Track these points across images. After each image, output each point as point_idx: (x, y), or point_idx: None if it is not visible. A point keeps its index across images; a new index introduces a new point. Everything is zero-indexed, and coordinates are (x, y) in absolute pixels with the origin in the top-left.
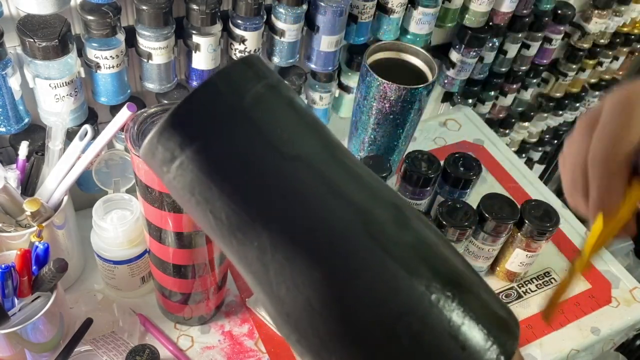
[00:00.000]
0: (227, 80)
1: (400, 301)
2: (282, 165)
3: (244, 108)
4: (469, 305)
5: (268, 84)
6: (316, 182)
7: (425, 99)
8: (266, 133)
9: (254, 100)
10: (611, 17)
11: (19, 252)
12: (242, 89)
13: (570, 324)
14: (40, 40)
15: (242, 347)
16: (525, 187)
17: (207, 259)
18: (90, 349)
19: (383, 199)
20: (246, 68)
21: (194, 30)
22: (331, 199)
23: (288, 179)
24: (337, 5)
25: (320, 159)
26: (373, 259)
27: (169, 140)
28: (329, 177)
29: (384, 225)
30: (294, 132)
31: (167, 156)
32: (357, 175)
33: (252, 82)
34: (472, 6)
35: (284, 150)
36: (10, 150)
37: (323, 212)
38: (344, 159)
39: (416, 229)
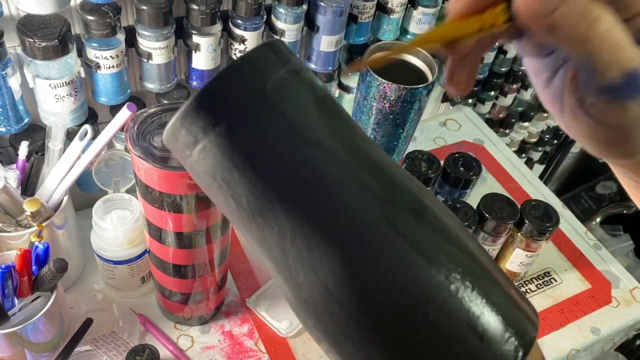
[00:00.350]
0: (250, 65)
1: (418, 290)
2: (304, 151)
3: (267, 93)
4: (489, 295)
5: (291, 69)
6: (338, 168)
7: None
8: (289, 118)
9: (277, 85)
10: None
11: (19, 252)
12: (266, 73)
13: (570, 324)
14: (40, 40)
15: (242, 347)
16: (525, 187)
17: (207, 259)
18: (90, 349)
19: (405, 187)
20: (270, 53)
21: (194, 30)
22: (352, 187)
23: (310, 165)
24: (337, 5)
25: (342, 145)
26: (392, 247)
27: (192, 124)
28: (350, 164)
29: (405, 213)
30: (316, 118)
31: (190, 140)
32: (379, 163)
33: (275, 67)
34: None
35: (307, 135)
36: (10, 150)
37: (344, 199)
38: (366, 146)
39: (437, 218)
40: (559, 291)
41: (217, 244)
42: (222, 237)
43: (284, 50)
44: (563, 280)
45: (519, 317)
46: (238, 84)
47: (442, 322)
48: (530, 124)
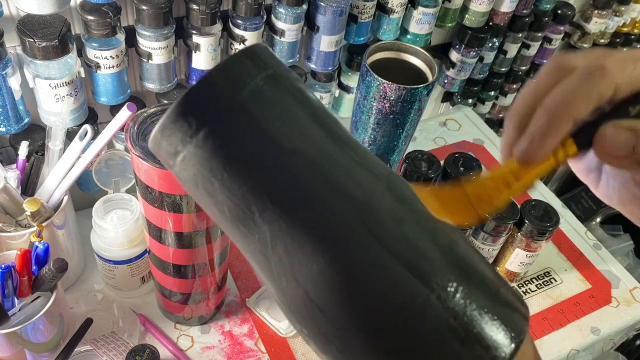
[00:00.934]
0: (225, 75)
1: (396, 296)
2: (280, 159)
3: (242, 102)
4: (473, 298)
5: (269, 75)
6: (316, 176)
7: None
8: (264, 127)
9: (252, 94)
10: (611, 17)
11: (19, 252)
12: (240, 82)
13: (570, 324)
14: (40, 40)
15: (242, 347)
16: None
17: (207, 259)
18: (90, 349)
19: (387, 192)
20: (246, 60)
21: (194, 30)
22: (329, 193)
23: (286, 173)
24: (337, 5)
25: (320, 150)
26: (370, 254)
27: (171, 136)
28: (328, 169)
29: (384, 218)
30: (295, 125)
31: (171, 150)
32: (360, 166)
33: (251, 75)
34: (472, 6)
35: (284, 143)
36: (10, 150)
37: (321, 206)
38: (349, 151)
39: (418, 220)
40: (559, 291)
41: (217, 244)
42: (222, 237)
43: (262, 56)
44: (563, 280)
45: (506, 318)
46: (213, 95)
47: (421, 328)
48: None
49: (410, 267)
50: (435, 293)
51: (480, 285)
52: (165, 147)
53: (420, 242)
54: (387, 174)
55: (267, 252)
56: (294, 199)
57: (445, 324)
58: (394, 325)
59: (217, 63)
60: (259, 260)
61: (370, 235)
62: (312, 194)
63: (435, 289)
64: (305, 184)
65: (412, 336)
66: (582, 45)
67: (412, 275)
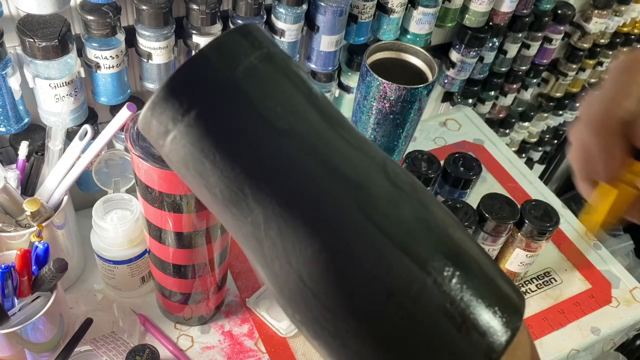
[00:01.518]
0: (219, 52)
1: (391, 280)
2: (274, 139)
3: (236, 80)
4: (469, 283)
5: (263, 54)
6: (310, 157)
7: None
8: (258, 106)
9: (246, 72)
10: (611, 17)
11: (19, 252)
12: (235, 60)
13: (570, 324)
14: (40, 40)
15: (242, 347)
16: (525, 187)
17: (207, 259)
18: (90, 349)
19: (381, 174)
20: (240, 38)
21: (194, 30)
22: (323, 175)
23: (280, 154)
24: (337, 5)
25: (316, 132)
26: (365, 236)
27: (162, 114)
28: (323, 151)
29: (379, 201)
30: (288, 105)
31: (162, 130)
32: (355, 149)
33: (245, 53)
34: (472, 6)
35: (278, 124)
36: (10, 150)
37: (315, 188)
38: (343, 132)
39: (414, 204)
40: (559, 291)
41: (217, 244)
42: (222, 237)
43: (256, 34)
44: (563, 280)
45: (503, 305)
46: (206, 72)
47: (417, 312)
48: (530, 124)
49: (406, 250)
50: (431, 277)
51: (476, 272)
52: (156, 126)
53: (416, 226)
54: (382, 157)
55: (260, 235)
56: (288, 180)
57: (441, 308)
58: (389, 310)
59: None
60: (252, 244)
61: (365, 218)
62: (306, 176)
63: (432, 272)
64: (299, 166)
65: (407, 321)
66: (582, 45)
67: (408, 259)
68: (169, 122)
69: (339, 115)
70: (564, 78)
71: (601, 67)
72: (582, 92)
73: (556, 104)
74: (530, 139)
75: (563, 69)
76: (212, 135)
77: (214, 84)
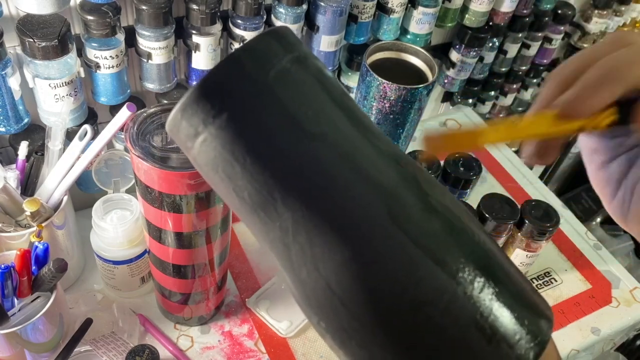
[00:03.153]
0: (251, 55)
1: (422, 291)
2: (306, 144)
3: (268, 84)
4: (500, 295)
5: (295, 57)
6: (341, 163)
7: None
8: (291, 110)
9: (279, 75)
10: (611, 17)
11: (18, 252)
12: (267, 63)
13: (570, 324)
14: (40, 40)
15: (242, 347)
16: (525, 187)
17: (207, 259)
18: (90, 349)
19: (413, 183)
20: (272, 41)
21: (194, 30)
22: (356, 182)
23: (312, 159)
24: (337, 5)
25: (347, 138)
26: (396, 246)
27: (193, 116)
28: (355, 157)
29: (411, 210)
30: (320, 109)
31: (191, 132)
32: (387, 157)
33: (277, 57)
34: (472, 6)
35: (310, 128)
36: (10, 150)
37: (347, 195)
38: (373, 139)
39: (446, 215)
40: (559, 291)
41: (217, 244)
42: (222, 237)
43: (289, 37)
44: (563, 280)
45: (532, 317)
46: (239, 75)
47: (447, 324)
48: None
49: (437, 260)
50: (462, 287)
51: (506, 284)
52: (185, 128)
53: (447, 237)
54: (412, 164)
55: (288, 240)
56: (319, 185)
57: (472, 320)
58: (419, 321)
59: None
60: (279, 249)
61: (396, 226)
62: (337, 181)
63: (462, 283)
64: (330, 171)
65: (437, 333)
66: (582, 45)
67: (439, 269)
68: (199, 123)
69: (367, 119)
70: None
71: None
72: None
73: None
74: None
75: None
76: (243, 139)
77: (246, 87)
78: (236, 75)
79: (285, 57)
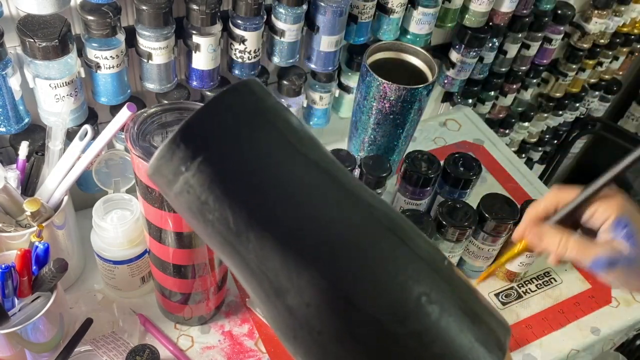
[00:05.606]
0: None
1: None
2: (307, 169)
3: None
4: (455, 318)
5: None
6: (334, 187)
7: (425, 99)
8: (288, 136)
9: (246, 126)
10: (611, 17)
11: (19, 252)
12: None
13: (570, 324)
14: (40, 40)
15: (242, 347)
16: (525, 187)
17: (207, 259)
18: (90, 349)
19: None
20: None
21: (194, 30)
22: (349, 204)
23: (311, 184)
24: (337, 5)
25: (331, 168)
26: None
27: (171, 160)
28: (344, 183)
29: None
30: (308, 142)
31: (170, 176)
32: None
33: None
34: (472, 6)
35: (306, 153)
36: (10, 150)
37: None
38: (343, 175)
39: (413, 246)
40: (559, 291)
41: None
42: None
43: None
44: (563, 280)
45: (486, 335)
46: (212, 122)
47: None
48: (530, 124)
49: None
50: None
51: (462, 306)
52: (166, 171)
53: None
54: (375, 196)
55: (257, 269)
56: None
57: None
58: None
59: (217, 63)
60: (249, 280)
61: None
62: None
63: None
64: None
65: None
66: (582, 45)
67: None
68: (180, 165)
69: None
70: (563, 78)
71: (601, 67)
72: (582, 92)
73: (556, 104)
74: (530, 139)
75: (563, 69)
76: (221, 172)
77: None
78: (208, 123)
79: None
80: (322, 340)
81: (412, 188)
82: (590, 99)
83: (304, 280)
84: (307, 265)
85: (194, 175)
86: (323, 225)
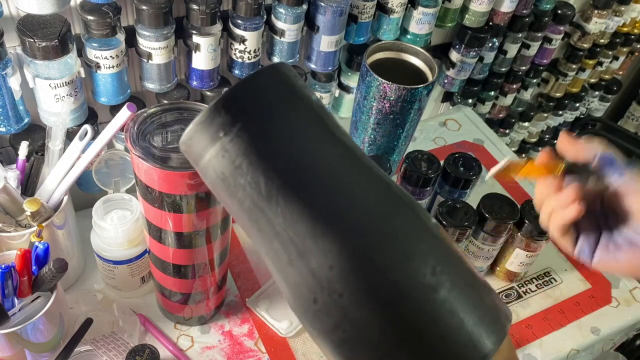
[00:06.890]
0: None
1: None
2: (309, 154)
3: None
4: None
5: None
6: (357, 162)
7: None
8: (318, 112)
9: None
10: (611, 17)
11: (19, 252)
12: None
13: (570, 324)
14: (40, 40)
15: (242, 347)
16: (525, 187)
17: (207, 259)
18: (90, 349)
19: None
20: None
21: (194, 30)
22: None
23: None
24: (337, 5)
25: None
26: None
27: (210, 126)
28: (365, 162)
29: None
30: (332, 120)
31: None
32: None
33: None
34: (472, 6)
35: (333, 131)
36: (10, 150)
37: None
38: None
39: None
40: (559, 291)
41: (217, 244)
42: (222, 237)
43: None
44: (563, 280)
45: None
46: (250, 92)
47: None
48: (530, 124)
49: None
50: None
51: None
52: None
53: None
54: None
55: (280, 233)
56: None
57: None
58: None
59: (217, 63)
60: (270, 246)
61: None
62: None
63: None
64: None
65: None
66: (582, 45)
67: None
68: (219, 130)
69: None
70: (563, 78)
71: (601, 67)
72: (582, 92)
73: (556, 104)
74: (530, 139)
75: (563, 69)
76: (259, 143)
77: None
78: (248, 93)
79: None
80: (342, 302)
81: (412, 188)
82: (590, 99)
83: (329, 243)
84: (334, 229)
85: (232, 140)
86: (349, 193)
